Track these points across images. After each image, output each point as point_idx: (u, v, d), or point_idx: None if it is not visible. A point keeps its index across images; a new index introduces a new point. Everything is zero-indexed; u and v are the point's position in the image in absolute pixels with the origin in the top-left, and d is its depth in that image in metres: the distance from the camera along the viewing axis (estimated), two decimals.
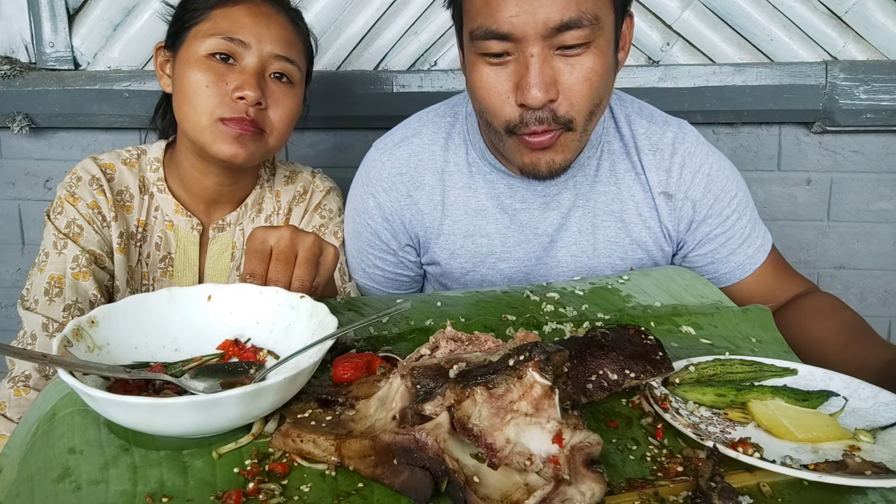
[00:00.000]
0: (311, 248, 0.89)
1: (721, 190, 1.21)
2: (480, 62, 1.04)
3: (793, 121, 1.72)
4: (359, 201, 1.27)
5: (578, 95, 1.01)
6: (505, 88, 1.03)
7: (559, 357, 0.62)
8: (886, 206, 1.77)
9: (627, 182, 1.21)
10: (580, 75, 1.00)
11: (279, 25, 1.17)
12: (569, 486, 0.55)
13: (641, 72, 1.65)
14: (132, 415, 0.63)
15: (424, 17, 1.68)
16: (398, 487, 0.59)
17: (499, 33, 0.99)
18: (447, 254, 1.24)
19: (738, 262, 1.23)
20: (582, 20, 0.97)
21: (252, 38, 1.14)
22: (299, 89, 1.22)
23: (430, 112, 1.29)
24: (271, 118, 1.16)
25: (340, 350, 0.82)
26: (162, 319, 0.80)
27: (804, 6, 1.62)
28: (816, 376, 0.80)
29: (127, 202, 1.22)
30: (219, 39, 1.13)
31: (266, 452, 0.64)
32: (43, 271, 1.14)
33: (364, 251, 1.28)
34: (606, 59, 1.02)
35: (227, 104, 1.12)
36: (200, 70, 1.13)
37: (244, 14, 1.15)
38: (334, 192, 1.37)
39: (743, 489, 0.60)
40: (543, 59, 0.99)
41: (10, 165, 1.90)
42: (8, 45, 1.78)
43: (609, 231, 1.22)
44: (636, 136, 1.22)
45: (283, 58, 1.16)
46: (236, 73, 1.13)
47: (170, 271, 1.25)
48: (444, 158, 1.23)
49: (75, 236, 1.16)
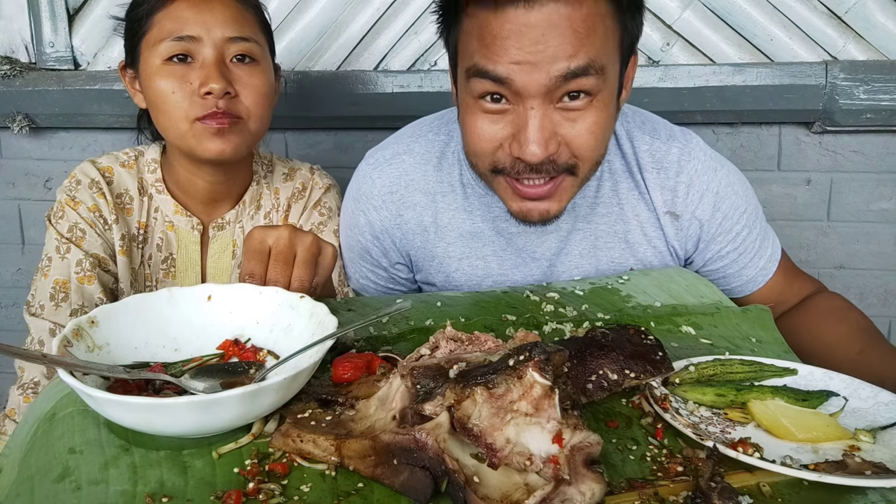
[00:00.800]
0: (310, 247, 0.89)
1: (730, 207, 1.16)
2: (475, 107, 0.98)
3: (793, 121, 1.72)
4: (350, 216, 1.25)
5: (583, 147, 0.96)
6: (499, 136, 0.97)
7: (559, 357, 0.62)
8: (886, 206, 1.77)
9: (631, 202, 1.16)
10: (584, 129, 0.95)
11: (223, 6, 1.14)
12: (569, 486, 0.55)
13: (641, 72, 1.65)
14: (132, 415, 0.63)
15: (424, 17, 1.68)
16: (398, 487, 0.59)
17: (497, 77, 0.92)
18: (443, 276, 1.22)
19: (750, 276, 1.20)
20: (589, 69, 0.91)
21: (200, 30, 1.11)
22: (265, 64, 1.19)
23: (423, 126, 1.24)
24: (245, 103, 1.14)
25: (340, 350, 0.82)
26: (162, 319, 0.80)
27: (804, 6, 1.62)
28: (816, 376, 0.80)
29: (127, 204, 1.22)
30: (169, 42, 1.11)
31: (266, 452, 0.64)
32: (47, 276, 1.14)
33: (356, 262, 1.27)
34: (609, 110, 0.97)
35: (197, 103, 1.11)
36: (162, 78, 1.11)
37: (184, 8, 1.12)
38: (334, 190, 1.36)
39: (743, 489, 0.60)
40: (544, 113, 0.92)
41: (10, 165, 1.90)
42: (8, 45, 1.78)
43: (612, 253, 1.18)
44: (638, 154, 1.15)
45: (239, 38, 1.13)
46: (197, 69, 1.11)
47: (172, 272, 1.25)
48: (436, 179, 1.19)
49: (78, 240, 1.15)
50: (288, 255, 0.88)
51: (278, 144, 1.83)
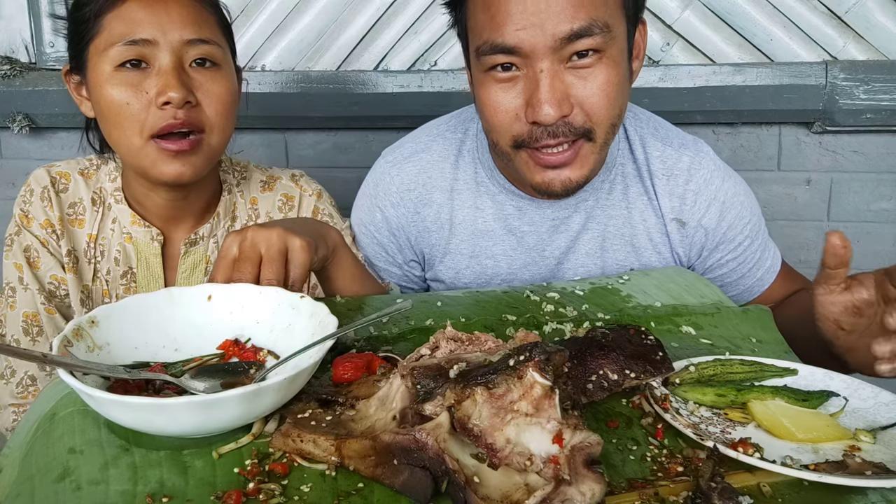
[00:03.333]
0: (275, 244, 0.85)
1: (735, 217, 1.18)
2: (488, 80, 1.00)
3: (793, 121, 1.72)
4: (366, 213, 1.24)
5: (596, 107, 0.97)
6: (514, 106, 0.99)
7: (559, 357, 0.62)
8: (886, 206, 1.77)
9: (639, 207, 1.18)
10: (595, 87, 0.96)
11: (179, 6, 1.03)
12: (569, 486, 0.55)
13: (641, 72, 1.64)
14: (132, 415, 0.63)
15: (424, 17, 1.68)
16: (398, 487, 0.59)
17: (505, 47, 0.95)
18: (452, 273, 1.22)
19: (748, 286, 1.22)
20: (593, 28, 0.93)
21: (156, 32, 1.00)
22: (227, 68, 1.08)
23: (440, 125, 1.25)
24: (206, 113, 1.04)
25: (340, 350, 0.82)
26: (162, 319, 0.80)
27: (804, 6, 1.62)
28: (817, 376, 0.80)
29: (79, 215, 1.13)
30: (121, 47, 1.00)
31: (266, 452, 0.64)
32: (14, 308, 1.09)
33: (368, 262, 1.26)
34: (621, 69, 0.98)
35: (154, 115, 1.00)
36: (114, 87, 1.01)
37: (136, 9, 1.01)
38: (325, 194, 1.28)
39: (743, 489, 0.60)
40: (554, 73, 0.95)
41: (10, 165, 1.90)
42: (8, 45, 1.78)
43: (618, 255, 1.19)
44: (650, 160, 1.17)
45: (198, 40, 1.03)
46: (153, 76, 1.01)
47: (133, 287, 1.15)
48: (453, 176, 1.20)
49: (34, 264, 1.09)
50: (250, 254, 0.85)
51: (278, 144, 1.83)
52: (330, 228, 1.00)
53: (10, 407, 1.07)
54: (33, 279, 1.09)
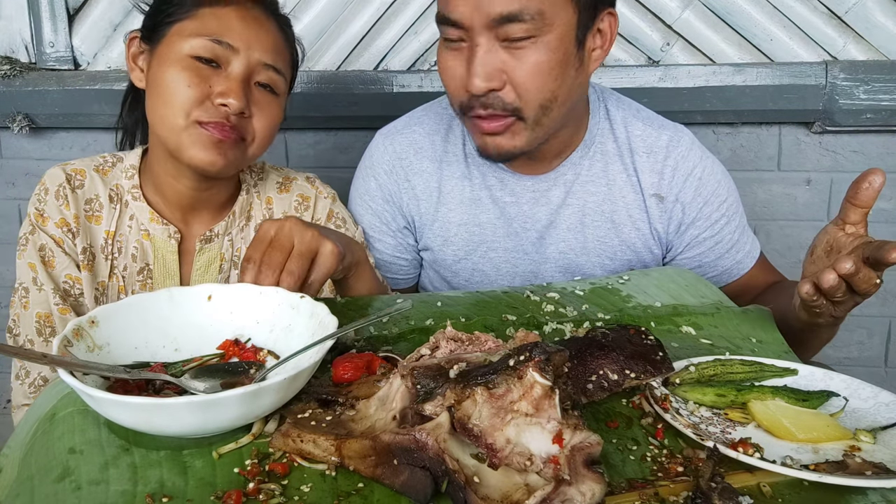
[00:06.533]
0: (308, 242, 0.89)
1: (711, 194, 1.23)
2: (443, 48, 1.09)
3: (793, 121, 1.72)
4: (361, 183, 1.31)
5: (524, 87, 1.03)
6: (458, 73, 1.07)
7: (559, 357, 0.62)
8: (886, 206, 1.77)
9: (619, 184, 1.23)
10: (526, 68, 1.02)
11: (269, 32, 1.11)
12: (569, 486, 0.55)
13: (641, 72, 1.65)
14: (132, 415, 0.63)
15: (424, 17, 1.68)
16: (398, 488, 0.59)
17: (450, 20, 1.04)
18: (441, 240, 1.27)
19: (726, 267, 1.26)
20: (523, 14, 0.99)
21: (241, 43, 1.07)
22: (282, 100, 1.16)
23: (434, 104, 1.33)
24: (255, 126, 1.11)
25: (340, 350, 0.82)
26: (162, 319, 0.80)
27: (804, 6, 1.62)
28: (817, 376, 0.80)
29: (96, 212, 1.14)
30: (206, 41, 1.06)
31: (266, 452, 0.64)
32: (27, 308, 1.09)
33: (365, 235, 1.31)
34: (558, 54, 1.03)
35: (207, 108, 1.05)
36: (183, 69, 1.05)
37: (234, 17, 1.08)
38: (337, 198, 1.31)
39: (743, 489, 0.60)
40: (488, 49, 1.02)
41: (10, 165, 1.90)
42: (8, 45, 1.78)
43: (599, 231, 1.23)
44: (631, 139, 1.23)
45: (271, 67, 1.10)
46: (221, 78, 1.06)
47: (149, 283, 1.16)
48: (443, 149, 1.27)
49: (49, 263, 1.10)
50: (285, 244, 0.88)
51: (278, 144, 1.83)
52: (356, 244, 1.06)
53: (23, 407, 1.07)
54: (48, 279, 1.09)
